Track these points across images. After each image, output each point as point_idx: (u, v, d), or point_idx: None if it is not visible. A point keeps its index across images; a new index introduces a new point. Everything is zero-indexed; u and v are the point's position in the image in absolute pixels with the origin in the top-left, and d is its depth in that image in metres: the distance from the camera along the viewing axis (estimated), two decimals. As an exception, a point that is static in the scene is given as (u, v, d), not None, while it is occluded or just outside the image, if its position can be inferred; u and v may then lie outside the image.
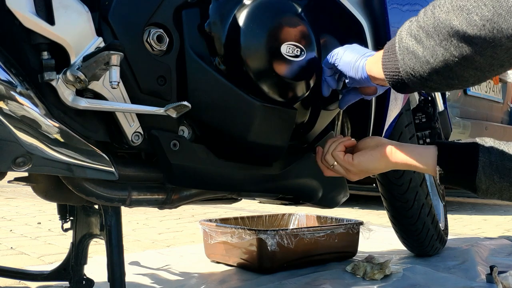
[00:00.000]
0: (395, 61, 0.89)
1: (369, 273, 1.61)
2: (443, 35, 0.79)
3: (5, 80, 0.80)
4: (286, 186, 1.19)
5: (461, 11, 0.76)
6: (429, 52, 0.82)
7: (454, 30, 0.78)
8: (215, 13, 1.01)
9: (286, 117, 1.08)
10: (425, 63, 0.84)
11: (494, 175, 0.85)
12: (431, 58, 0.82)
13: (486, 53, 0.77)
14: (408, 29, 0.87)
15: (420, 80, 0.86)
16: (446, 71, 0.82)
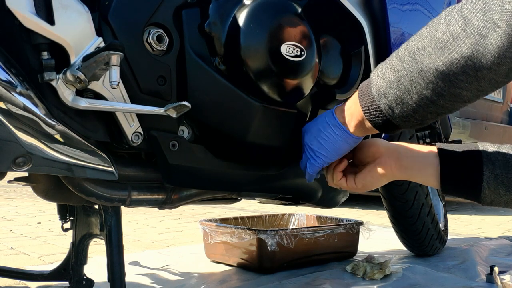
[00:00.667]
0: (378, 110, 0.89)
1: (369, 273, 1.61)
2: (428, 78, 0.81)
3: (5, 80, 0.80)
4: (285, 186, 1.19)
5: (442, 51, 0.78)
6: (417, 98, 0.84)
7: (439, 71, 0.79)
8: (215, 13, 1.01)
9: (285, 118, 1.08)
10: (414, 109, 0.85)
11: (500, 188, 0.84)
12: (420, 102, 0.84)
13: (472, 87, 0.79)
14: (388, 81, 0.87)
15: (409, 121, 0.88)
16: (436, 108, 0.84)
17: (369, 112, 0.91)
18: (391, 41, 1.24)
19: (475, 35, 0.74)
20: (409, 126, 0.91)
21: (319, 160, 1.00)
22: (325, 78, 1.18)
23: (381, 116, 0.90)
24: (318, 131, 1.00)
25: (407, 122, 0.89)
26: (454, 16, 0.78)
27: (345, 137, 0.97)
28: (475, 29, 0.74)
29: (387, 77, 0.87)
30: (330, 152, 0.99)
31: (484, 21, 0.73)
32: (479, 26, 0.74)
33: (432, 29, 0.81)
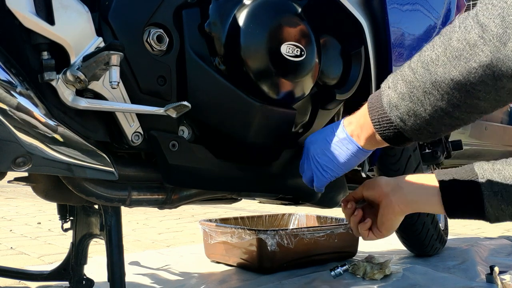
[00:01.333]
0: (389, 123, 0.87)
1: (369, 273, 1.61)
2: (443, 89, 0.79)
3: (5, 80, 0.80)
4: (285, 186, 1.19)
5: (459, 60, 0.76)
6: (431, 110, 0.81)
7: (454, 81, 0.77)
8: (215, 13, 1.01)
9: (285, 118, 1.08)
10: (428, 121, 0.83)
11: (502, 204, 0.83)
12: (434, 114, 0.82)
13: (490, 97, 0.76)
14: (400, 93, 0.85)
15: (422, 134, 0.86)
16: (451, 120, 0.82)
17: (379, 125, 0.89)
18: (391, 41, 1.24)
19: (494, 42, 0.71)
20: (421, 139, 0.89)
21: (326, 174, 0.99)
22: (325, 78, 1.18)
23: (392, 128, 0.87)
24: (326, 143, 0.98)
25: (420, 135, 0.87)
26: (469, 23, 0.75)
27: (355, 151, 0.96)
28: (494, 35, 0.71)
29: (398, 88, 0.85)
30: (339, 167, 0.98)
31: (503, 26, 0.70)
32: (498, 32, 0.70)
33: (446, 38, 0.78)
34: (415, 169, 1.76)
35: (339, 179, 1.27)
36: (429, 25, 1.38)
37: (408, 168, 1.74)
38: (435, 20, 1.40)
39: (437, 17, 1.41)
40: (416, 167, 1.76)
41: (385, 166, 1.75)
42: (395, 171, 1.74)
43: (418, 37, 1.35)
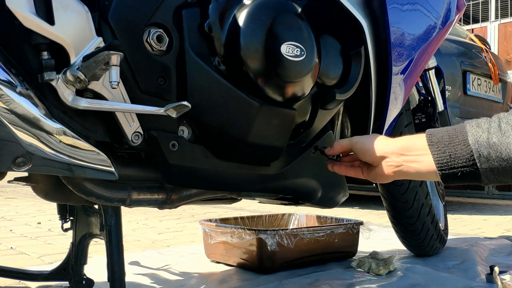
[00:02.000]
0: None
1: (374, 269, 1.62)
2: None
3: (5, 80, 0.80)
4: (285, 186, 1.19)
5: None
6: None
7: None
8: (215, 13, 1.01)
9: (285, 118, 1.08)
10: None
11: (498, 177, 0.85)
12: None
13: None
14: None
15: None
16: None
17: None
18: (391, 41, 1.24)
19: None
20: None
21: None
22: (325, 78, 1.18)
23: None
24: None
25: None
26: None
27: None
28: None
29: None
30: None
31: None
32: None
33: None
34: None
35: (339, 179, 1.27)
36: (429, 25, 1.38)
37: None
38: (435, 20, 1.40)
39: (437, 17, 1.41)
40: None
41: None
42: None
43: (418, 37, 1.35)
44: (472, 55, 3.95)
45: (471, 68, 3.86)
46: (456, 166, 0.87)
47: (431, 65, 1.94)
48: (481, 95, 3.97)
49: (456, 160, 0.87)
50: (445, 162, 0.88)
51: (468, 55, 3.90)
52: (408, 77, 1.36)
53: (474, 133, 0.86)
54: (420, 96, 1.94)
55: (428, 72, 1.96)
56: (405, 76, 1.34)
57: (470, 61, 3.88)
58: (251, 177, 1.12)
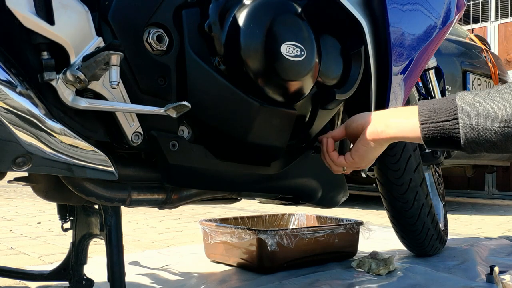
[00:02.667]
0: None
1: (374, 269, 1.62)
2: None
3: (5, 80, 0.80)
4: (285, 186, 1.19)
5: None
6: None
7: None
8: (215, 13, 1.01)
9: (285, 118, 1.08)
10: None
11: (478, 139, 0.84)
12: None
13: None
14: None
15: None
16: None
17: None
18: (391, 41, 1.24)
19: None
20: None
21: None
22: (325, 78, 1.18)
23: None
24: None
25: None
26: None
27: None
28: None
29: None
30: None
31: None
32: None
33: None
34: (415, 169, 1.77)
35: (339, 179, 1.27)
36: (429, 25, 1.38)
37: (408, 168, 1.74)
38: (435, 20, 1.40)
39: (437, 17, 1.41)
40: (416, 167, 1.76)
41: (385, 166, 1.75)
42: (395, 171, 1.74)
43: (418, 37, 1.35)
44: (472, 55, 3.94)
45: (471, 68, 3.86)
46: (438, 120, 0.87)
47: (431, 65, 1.94)
48: (481, 95, 3.97)
49: (439, 114, 0.87)
50: (428, 116, 0.88)
51: (468, 55, 3.90)
52: (408, 77, 1.36)
53: (462, 94, 0.87)
54: (420, 96, 1.94)
55: (428, 72, 1.96)
56: (405, 76, 1.34)
57: (470, 61, 3.88)
58: (251, 177, 1.12)
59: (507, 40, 6.01)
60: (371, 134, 0.98)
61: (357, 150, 1.01)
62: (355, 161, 1.03)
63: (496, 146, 0.83)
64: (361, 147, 1.00)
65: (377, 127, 0.97)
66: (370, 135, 0.98)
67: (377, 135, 0.98)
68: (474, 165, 4.28)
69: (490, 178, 5.31)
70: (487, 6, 6.61)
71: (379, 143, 0.99)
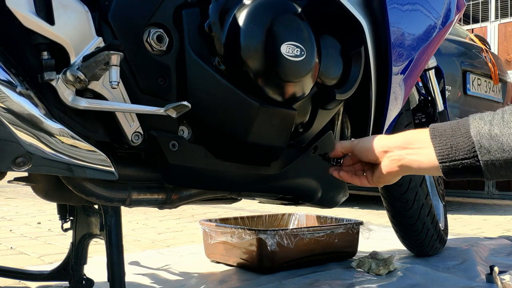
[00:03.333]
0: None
1: (374, 269, 1.62)
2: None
3: (5, 80, 0.80)
4: (285, 186, 1.19)
5: None
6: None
7: None
8: (215, 13, 1.01)
9: (285, 118, 1.08)
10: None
11: (500, 171, 0.84)
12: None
13: None
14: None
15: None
16: None
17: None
18: (391, 41, 1.24)
19: None
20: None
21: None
22: (325, 78, 1.18)
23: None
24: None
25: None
26: None
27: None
28: None
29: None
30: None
31: None
32: None
33: None
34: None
35: (339, 179, 1.27)
36: (429, 25, 1.38)
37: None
38: (435, 20, 1.40)
39: (437, 17, 1.41)
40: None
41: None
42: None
43: (418, 37, 1.35)
44: (472, 55, 3.95)
45: (471, 68, 3.86)
46: (457, 158, 0.87)
47: (431, 65, 1.94)
48: (481, 95, 3.97)
49: (457, 152, 0.86)
50: (446, 154, 0.88)
51: (468, 55, 3.90)
52: (408, 77, 1.36)
53: (476, 125, 0.85)
54: (420, 96, 1.94)
55: (428, 72, 1.96)
56: (405, 76, 1.34)
57: (470, 61, 3.88)
58: (251, 177, 1.12)
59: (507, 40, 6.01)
60: (391, 164, 0.96)
61: (379, 181, 1.01)
62: (380, 183, 1.02)
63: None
64: (382, 176, 0.99)
65: (395, 158, 0.96)
66: (391, 165, 0.97)
67: (397, 166, 0.96)
68: (474, 165, 4.27)
69: (490, 178, 5.30)
70: (487, 6, 6.61)
71: (400, 173, 0.98)
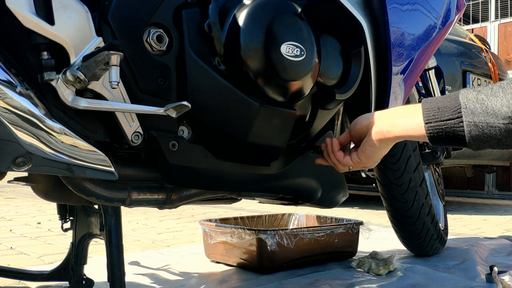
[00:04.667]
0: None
1: (374, 269, 1.62)
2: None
3: (5, 80, 0.80)
4: (285, 186, 1.19)
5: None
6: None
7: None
8: (215, 13, 1.01)
9: (285, 118, 1.08)
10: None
11: (482, 136, 0.84)
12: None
13: None
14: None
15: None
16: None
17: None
18: (391, 41, 1.24)
19: None
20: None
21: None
22: (325, 78, 1.18)
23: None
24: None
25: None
26: None
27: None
28: None
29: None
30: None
31: None
32: None
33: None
34: (415, 169, 1.77)
35: (338, 179, 1.27)
36: (429, 25, 1.38)
37: (408, 167, 1.74)
38: (435, 20, 1.40)
39: (437, 17, 1.41)
40: (416, 167, 1.77)
41: (385, 166, 1.75)
42: (395, 170, 1.74)
43: (418, 37, 1.35)
44: (472, 55, 3.95)
45: (471, 68, 3.86)
46: (443, 119, 0.88)
47: (431, 65, 1.94)
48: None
49: (444, 112, 0.88)
50: (433, 115, 0.89)
51: (468, 55, 3.90)
52: (408, 77, 1.36)
53: (465, 91, 0.87)
54: (420, 96, 1.94)
55: (428, 72, 1.96)
56: (405, 76, 1.34)
57: (470, 61, 3.88)
58: (251, 177, 1.12)
59: (507, 40, 6.01)
60: (377, 134, 0.99)
61: (364, 150, 1.02)
62: (362, 162, 1.04)
63: (501, 143, 0.84)
64: (368, 147, 1.01)
65: (383, 127, 0.98)
66: (376, 135, 0.99)
67: (382, 135, 0.98)
68: (474, 165, 4.28)
69: (490, 178, 5.31)
70: (487, 6, 6.61)
71: (385, 142, 0.99)
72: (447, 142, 0.89)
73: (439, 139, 0.90)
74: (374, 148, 1.00)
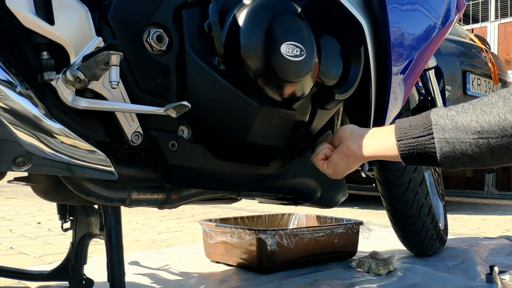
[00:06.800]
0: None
1: (374, 269, 1.62)
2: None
3: (5, 80, 0.80)
4: (285, 186, 1.19)
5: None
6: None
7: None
8: (215, 13, 1.01)
9: (284, 118, 1.08)
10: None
11: (454, 153, 0.84)
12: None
13: None
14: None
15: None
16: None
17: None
18: (391, 41, 1.24)
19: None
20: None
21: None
22: (325, 78, 1.18)
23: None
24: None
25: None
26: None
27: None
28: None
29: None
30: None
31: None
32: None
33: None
34: (415, 169, 1.77)
35: (338, 179, 1.27)
36: (429, 25, 1.38)
37: (408, 168, 1.74)
38: (435, 20, 1.40)
39: (437, 17, 1.41)
40: (416, 167, 1.77)
41: (385, 166, 1.75)
42: (395, 170, 1.74)
43: (418, 37, 1.35)
44: (472, 55, 3.95)
45: (471, 68, 3.86)
46: (414, 136, 0.88)
47: (431, 65, 1.94)
48: (481, 95, 3.97)
49: (415, 130, 0.88)
50: (404, 132, 0.90)
51: (468, 55, 3.90)
52: (408, 77, 1.36)
53: (436, 110, 0.88)
54: (420, 96, 1.94)
55: (428, 72, 1.96)
56: (405, 76, 1.34)
57: (470, 61, 3.88)
58: (251, 177, 1.12)
59: (507, 40, 6.01)
60: (346, 150, 1.01)
61: (332, 160, 1.04)
62: (329, 172, 1.06)
63: (473, 159, 0.84)
64: (335, 158, 1.03)
65: (353, 144, 1.00)
66: (344, 151, 1.01)
67: (351, 151, 1.00)
68: (474, 165, 4.27)
69: (489, 178, 5.31)
70: (487, 6, 6.61)
71: (351, 160, 1.01)
72: (419, 160, 0.90)
73: (411, 157, 0.90)
74: (340, 162, 1.02)
